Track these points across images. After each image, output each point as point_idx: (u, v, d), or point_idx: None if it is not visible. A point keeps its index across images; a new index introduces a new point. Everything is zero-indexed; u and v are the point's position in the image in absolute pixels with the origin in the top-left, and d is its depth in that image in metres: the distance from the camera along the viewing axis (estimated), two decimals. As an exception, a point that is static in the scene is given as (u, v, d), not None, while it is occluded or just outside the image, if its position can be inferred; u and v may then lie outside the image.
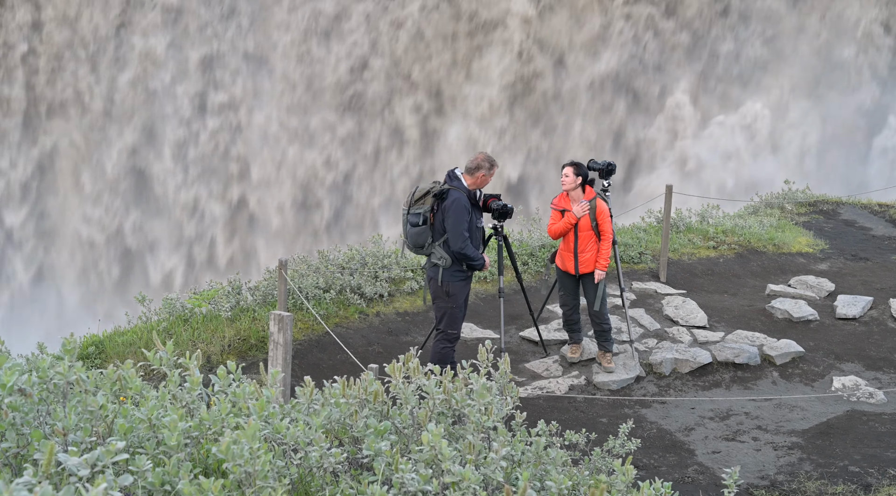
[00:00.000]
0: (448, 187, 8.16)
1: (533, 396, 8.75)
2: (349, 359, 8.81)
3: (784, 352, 9.75)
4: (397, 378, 3.91)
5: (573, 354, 9.55)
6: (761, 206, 16.48)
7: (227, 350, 9.37)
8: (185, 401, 3.68)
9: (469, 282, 8.37)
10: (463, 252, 8.11)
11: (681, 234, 13.73)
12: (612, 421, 8.21)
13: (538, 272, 11.99)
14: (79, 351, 9.17)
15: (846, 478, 7.17)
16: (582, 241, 9.06)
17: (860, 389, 9.03)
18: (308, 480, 3.53)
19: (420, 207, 8.17)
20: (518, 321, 10.62)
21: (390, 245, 12.05)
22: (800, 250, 13.67)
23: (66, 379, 3.36)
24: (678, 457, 7.64)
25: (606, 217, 9.10)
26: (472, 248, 8.14)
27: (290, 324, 7.21)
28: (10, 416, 3.18)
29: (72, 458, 2.79)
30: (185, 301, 10.26)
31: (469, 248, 8.11)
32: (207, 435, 3.44)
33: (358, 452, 3.66)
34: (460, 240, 8.05)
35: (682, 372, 9.38)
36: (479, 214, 8.39)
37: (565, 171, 9.10)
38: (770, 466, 7.41)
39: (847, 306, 11.18)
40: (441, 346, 8.27)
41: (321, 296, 10.46)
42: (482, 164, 8.24)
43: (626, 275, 12.03)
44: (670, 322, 10.71)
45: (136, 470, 3.02)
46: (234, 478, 3.15)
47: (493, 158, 8.34)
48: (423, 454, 3.39)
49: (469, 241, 8.12)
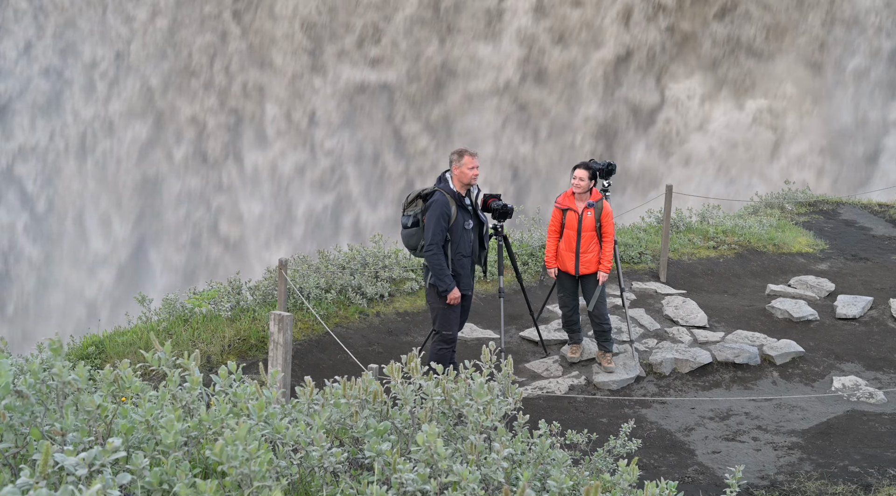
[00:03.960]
0: (433, 189, 8.13)
1: (533, 396, 8.74)
2: (349, 359, 8.80)
3: (784, 352, 9.74)
4: (396, 378, 3.90)
5: (573, 354, 9.54)
6: (761, 206, 16.48)
7: (227, 350, 9.36)
8: (184, 400, 3.67)
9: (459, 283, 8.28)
10: (427, 260, 8.00)
11: (681, 234, 13.72)
12: (612, 421, 8.20)
13: (538, 272, 11.98)
14: (79, 351, 9.18)
15: (846, 478, 7.16)
16: (584, 241, 9.05)
17: (860, 389, 9.02)
18: (308, 480, 3.52)
19: (412, 210, 8.18)
20: (518, 321, 10.61)
21: (391, 245, 12.04)
22: (800, 250, 13.66)
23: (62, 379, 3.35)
24: (678, 457, 7.63)
25: (611, 219, 9.09)
26: (436, 260, 7.92)
27: (290, 324, 7.20)
28: (8, 417, 3.17)
29: (69, 458, 2.78)
30: (185, 301, 10.25)
31: (433, 258, 7.93)
32: (207, 435, 3.43)
33: (358, 452, 3.66)
34: (426, 243, 7.96)
35: (682, 372, 9.37)
36: (468, 216, 8.16)
37: (579, 173, 8.98)
38: (770, 466, 7.41)
39: (847, 306, 11.17)
40: (438, 348, 8.25)
41: (321, 296, 10.45)
42: (451, 158, 8.12)
43: (626, 275, 12.02)
44: (670, 322, 10.70)
45: (135, 468, 3.01)
46: (233, 478, 3.14)
47: (460, 150, 8.11)
48: (420, 454, 3.38)
49: (435, 249, 7.94)
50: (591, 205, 9.03)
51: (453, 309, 8.21)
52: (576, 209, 9.06)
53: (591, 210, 9.02)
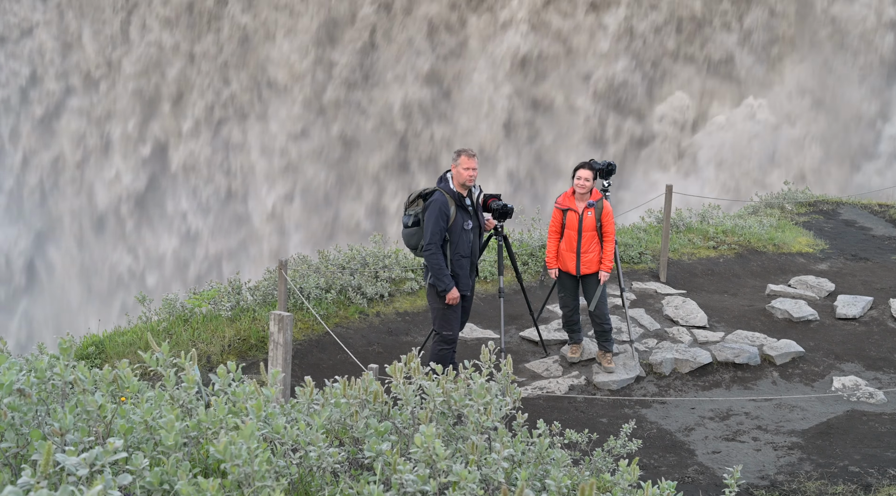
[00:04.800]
0: (434, 189, 8.15)
1: (533, 396, 8.74)
2: (349, 359, 8.81)
3: (784, 352, 9.74)
4: (398, 378, 3.91)
5: (573, 354, 9.54)
6: (761, 206, 16.48)
7: (227, 350, 9.36)
8: (182, 400, 3.67)
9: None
10: (426, 259, 8.03)
11: (681, 234, 13.72)
12: (612, 421, 8.21)
13: (538, 272, 11.98)
14: (79, 351, 9.18)
15: (846, 478, 7.16)
16: (585, 241, 9.04)
17: (860, 389, 9.02)
18: (308, 480, 3.53)
19: (413, 209, 8.20)
20: (518, 321, 10.61)
21: (391, 245, 12.04)
22: (800, 250, 13.66)
23: (64, 379, 3.36)
24: (678, 457, 7.63)
25: (612, 219, 9.09)
26: (434, 259, 7.95)
27: (290, 324, 7.20)
28: (10, 416, 3.17)
29: (70, 458, 2.78)
30: (185, 301, 10.26)
31: (431, 258, 7.96)
32: (206, 435, 3.43)
33: (358, 453, 3.66)
34: (425, 243, 8.00)
35: (682, 372, 9.37)
36: (467, 216, 8.16)
37: (583, 173, 8.95)
38: (770, 466, 7.41)
39: (847, 306, 11.17)
40: (438, 348, 8.25)
41: (321, 296, 10.45)
42: (452, 158, 8.15)
43: (626, 275, 12.02)
44: (670, 322, 10.70)
45: (135, 469, 3.02)
46: (233, 478, 3.14)
47: (459, 149, 8.13)
48: (420, 454, 3.38)
49: (433, 249, 7.97)
50: (591, 204, 9.03)
51: (453, 309, 8.21)
52: (576, 209, 9.06)
53: (592, 210, 9.02)
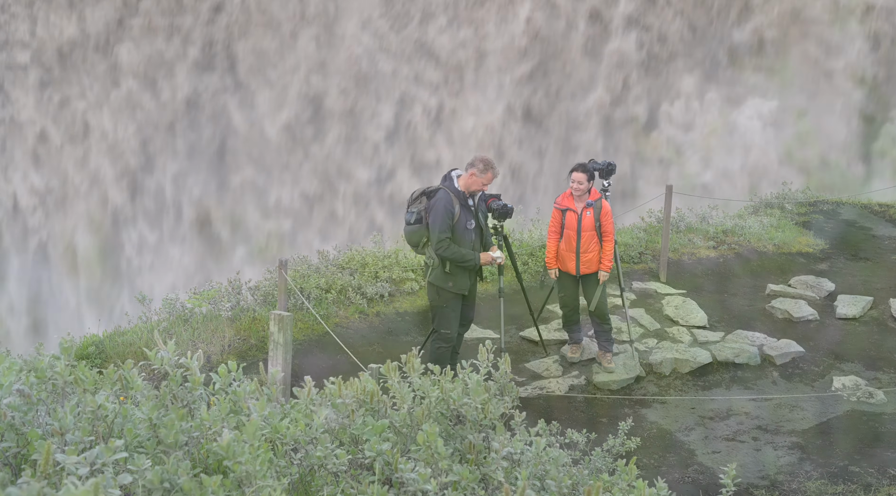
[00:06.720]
0: (438, 187, 8.15)
1: (533, 396, 8.74)
2: (349, 359, 8.81)
3: (784, 352, 9.75)
4: (393, 378, 3.91)
5: (573, 354, 9.55)
6: (761, 206, 16.47)
7: (227, 350, 9.36)
8: (185, 400, 3.67)
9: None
10: (441, 255, 8.06)
11: (681, 234, 13.72)
12: (612, 421, 8.21)
13: (538, 272, 11.98)
14: (78, 351, 9.19)
15: (846, 478, 7.17)
16: (584, 241, 9.05)
17: (860, 389, 9.03)
18: (308, 480, 3.53)
19: (416, 206, 8.20)
20: (518, 321, 10.61)
21: (391, 245, 12.04)
22: (800, 250, 13.66)
23: (64, 379, 3.36)
24: (678, 457, 7.64)
25: (611, 218, 9.10)
26: (451, 250, 8.01)
27: (290, 324, 7.21)
28: (10, 416, 3.18)
29: (70, 457, 2.79)
30: (185, 301, 10.26)
31: (448, 251, 8.01)
32: (207, 435, 3.43)
33: (358, 452, 3.66)
34: (435, 240, 8.03)
35: (682, 372, 9.37)
36: (470, 215, 8.19)
37: (577, 177, 8.96)
38: (770, 466, 7.41)
39: (847, 306, 11.17)
40: (436, 347, 8.26)
41: (321, 296, 10.46)
42: (475, 164, 8.07)
43: (626, 275, 12.02)
44: (670, 322, 10.71)
45: (136, 469, 3.02)
46: (235, 477, 3.15)
47: (490, 162, 8.07)
48: (421, 453, 3.38)
49: (447, 243, 8.01)
50: (590, 204, 9.03)
51: (453, 308, 8.23)
52: (575, 209, 9.06)
53: (591, 210, 9.02)
